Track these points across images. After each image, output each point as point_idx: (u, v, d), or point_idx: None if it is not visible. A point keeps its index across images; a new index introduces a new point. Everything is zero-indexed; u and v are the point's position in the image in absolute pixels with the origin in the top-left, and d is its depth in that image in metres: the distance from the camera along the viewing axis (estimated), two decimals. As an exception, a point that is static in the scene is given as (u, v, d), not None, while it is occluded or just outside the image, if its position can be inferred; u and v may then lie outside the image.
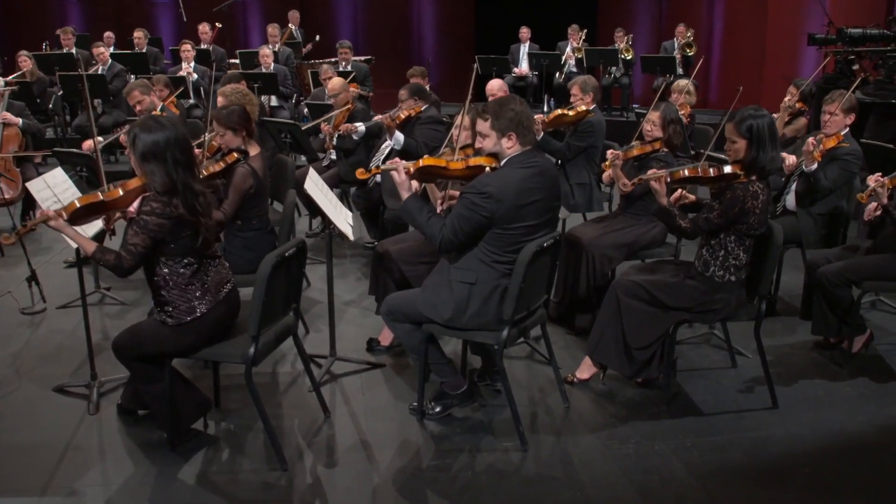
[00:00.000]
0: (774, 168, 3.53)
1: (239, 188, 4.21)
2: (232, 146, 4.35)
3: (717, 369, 4.21)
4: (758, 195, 3.49)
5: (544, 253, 3.41)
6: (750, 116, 3.50)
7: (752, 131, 3.47)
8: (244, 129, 4.31)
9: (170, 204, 3.05)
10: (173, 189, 3.06)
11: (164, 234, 3.07)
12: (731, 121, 3.55)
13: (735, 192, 3.50)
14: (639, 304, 3.72)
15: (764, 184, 3.54)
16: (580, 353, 4.21)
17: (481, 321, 3.40)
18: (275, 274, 3.15)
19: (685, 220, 3.67)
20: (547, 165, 3.45)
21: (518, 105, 3.36)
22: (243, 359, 3.21)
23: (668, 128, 4.56)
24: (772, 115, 3.58)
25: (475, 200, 3.27)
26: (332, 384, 4.06)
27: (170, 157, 3.04)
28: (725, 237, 3.60)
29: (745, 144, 3.50)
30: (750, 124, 3.48)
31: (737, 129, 3.52)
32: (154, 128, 3.06)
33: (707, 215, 3.59)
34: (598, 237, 4.58)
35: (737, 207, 3.49)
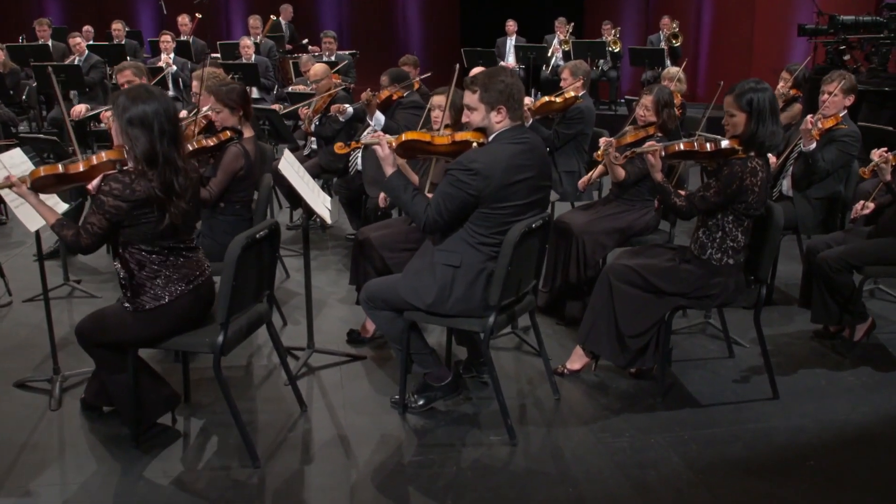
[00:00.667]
0: (774, 144, 3.34)
1: (228, 168, 4.01)
2: (227, 125, 4.15)
3: (713, 359, 4.02)
4: (756, 172, 3.30)
5: (533, 234, 3.20)
6: (751, 89, 3.30)
7: (752, 104, 3.28)
8: (241, 108, 4.13)
9: (134, 183, 2.84)
10: (154, 159, 2.87)
11: (122, 217, 2.87)
12: (731, 94, 3.36)
13: (733, 167, 3.31)
14: (632, 290, 3.52)
15: (763, 161, 3.35)
16: (570, 344, 4.01)
17: (466, 307, 3.19)
18: (244, 257, 2.93)
19: (681, 198, 3.47)
20: (537, 142, 3.25)
21: (509, 77, 3.16)
22: (211, 348, 2.99)
23: (662, 112, 4.37)
24: (772, 90, 3.39)
25: (461, 177, 3.06)
26: (310, 377, 3.83)
27: (156, 127, 2.86)
28: (723, 217, 3.40)
29: (744, 118, 3.31)
30: (750, 97, 3.28)
31: (736, 101, 3.33)
32: (145, 97, 2.89)
33: (703, 193, 3.40)
34: (588, 223, 4.38)
35: (734, 184, 3.29)
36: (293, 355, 4.03)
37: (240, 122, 4.13)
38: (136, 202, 2.84)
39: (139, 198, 2.84)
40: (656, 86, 4.51)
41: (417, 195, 3.20)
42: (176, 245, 3.02)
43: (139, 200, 2.84)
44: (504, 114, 3.14)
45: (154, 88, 3.00)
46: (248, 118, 4.19)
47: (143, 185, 2.85)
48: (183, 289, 3.01)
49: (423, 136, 3.28)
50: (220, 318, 2.94)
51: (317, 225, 6.43)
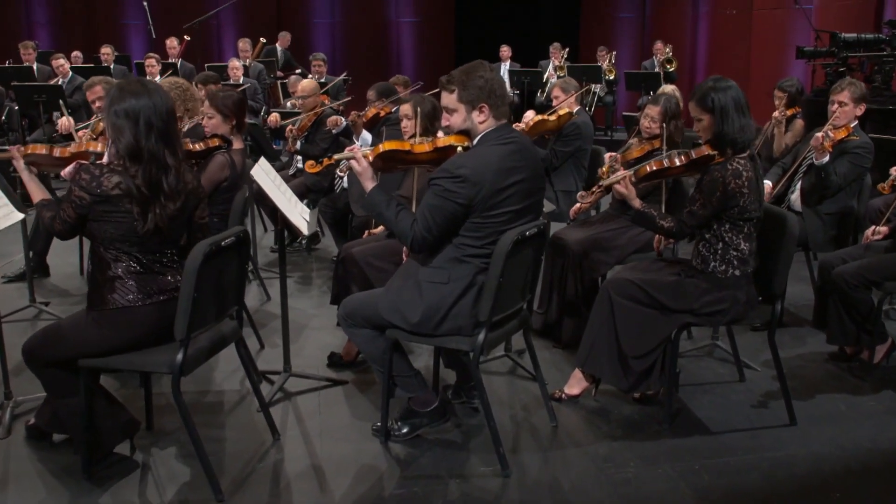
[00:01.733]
0: (748, 138, 3.09)
1: (212, 176, 3.76)
2: (217, 132, 3.90)
3: (723, 383, 3.71)
4: (739, 172, 3.03)
5: (527, 243, 2.91)
6: (710, 89, 3.08)
7: (714, 103, 3.05)
8: (235, 118, 3.88)
9: (102, 177, 2.63)
10: (137, 155, 2.66)
11: (85, 209, 2.66)
12: (693, 98, 3.14)
13: (712, 174, 3.06)
14: (635, 306, 3.22)
15: (745, 159, 3.09)
16: (568, 368, 3.70)
17: (454, 325, 2.89)
18: (207, 267, 2.64)
19: (667, 219, 3.21)
20: (525, 142, 2.98)
21: (487, 72, 2.89)
22: (169, 367, 2.68)
23: (668, 123, 4.10)
24: (737, 86, 3.14)
25: (448, 186, 2.78)
26: (285, 403, 3.52)
27: (143, 121, 2.66)
28: (719, 227, 3.13)
29: (710, 119, 3.08)
30: (711, 97, 3.06)
31: (699, 105, 3.11)
32: (137, 90, 2.70)
33: (690, 209, 3.14)
34: (586, 240, 4.10)
35: (718, 191, 3.03)
36: (268, 380, 3.72)
37: (231, 132, 3.89)
38: (99, 197, 2.63)
39: (104, 194, 2.62)
40: (662, 95, 4.26)
41: (402, 210, 2.92)
42: (154, 254, 2.75)
43: (103, 196, 2.63)
44: (487, 112, 2.87)
45: (151, 83, 2.79)
46: (241, 130, 3.95)
47: (116, 181, 2.62)
48: (150, 301, 2.73)
49: (401, 144, 3.01)
50: (178, 334, 2.64)
51: (301, 247, 6.15)
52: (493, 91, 2.87)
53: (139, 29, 13.11)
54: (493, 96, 2.87)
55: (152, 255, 2.76)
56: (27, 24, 13.19)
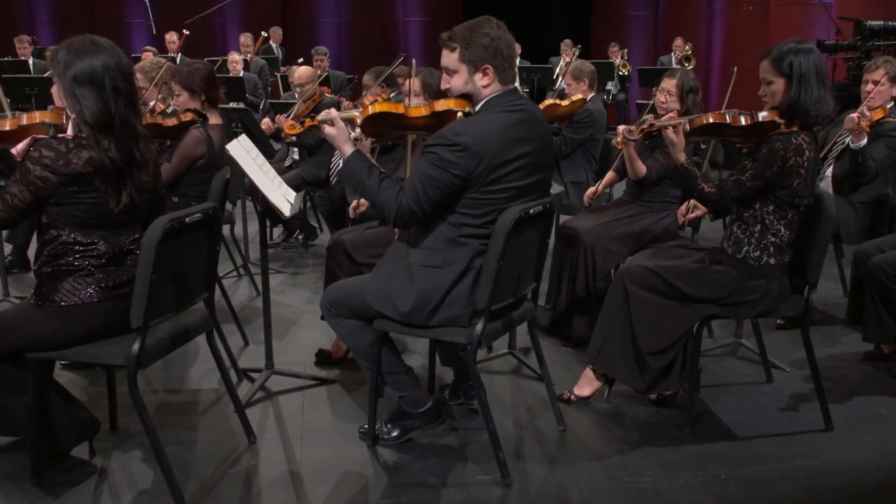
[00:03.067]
0: (823, 115, 2.74)
1: (187, 153, 3.46)
2: (188, 108, 3.63)
3: (748, 384, 3.37)
4: (802, 150, 2.70)
5: (531, 223, 2.60)
6: (791, 51, 2.73)
7: (792, 67, 2.70)
8: (203, 92, 3.58)
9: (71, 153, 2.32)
10: (108, 123, 2.36)
11: (49, 191, 2.33)
12: (767, 57, 2.79)
13: (773, 144, 2.72)
14: (652, 297, 2.90)
15: (811, 136, 2.76)
16: (578, 368, 3.38)
17: (449, 314, 2.57)
18: (168, 245, 2.34)
19: (710, 183, 2.87)
20: (535, 111, 2.66)
21: (495, 29, 2.58)
22: (125, 359, 2.37)
23: (686, 98, 3.79)
24: (819, 52, 2.80)
25: (444, 155, 2.46)
26: (266, 403, 3.20)
27: (108, 84, 2.35)
28: (762, 207, 2.80)
29: (783, 84, 2.73)
30: (791, 60, 2.71)
31: (773, 65, 2.75)
32: (91, 49, 2.37)
33: (738, 177, 2.80)
34: (598, 228, 3.78)
35: (776, 165, 2.70)
36: (249, 377, 3.42)
37: (203, 107, 3.60)
38: (69, 176, 2.31)
39: (74, 171, 2.31)
40: (679, 69, 3.95)
41: (386, 179, 2.60)
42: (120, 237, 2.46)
43: (73, 175, 2.32)
44: (492, 75, 2.56)
45: (101, 39, 2.47)
46: (214, 105, 3.65)
47: (86, 156, 2.32)
48: (112, 294, 2.42)
49: (394, 107, 2.69)
50: (135, 321, 2.33)
51: (298, 242, 5.85)
52: (499, 51, 2.56)
53: (141, 26, 12.90)
54: (499, 57, 2.56)
55: (118, 239, 2.47)
56: (29, 22, 13.01)
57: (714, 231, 3.01)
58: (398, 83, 5.54)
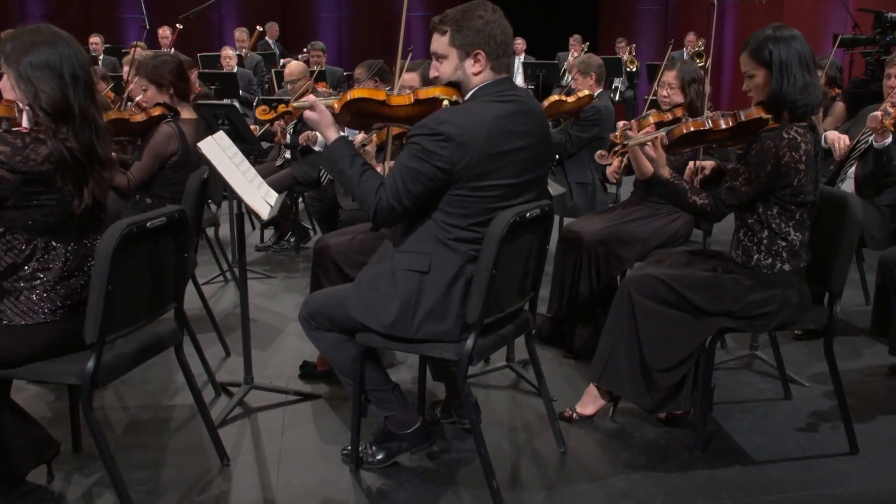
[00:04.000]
0: (811, 102, 2.53)
1: (158, 150, 3.27)
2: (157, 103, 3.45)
3: (765, 402, 3.16)
4: (797, 143, 2.50)
5: (528, 228, 2.40)
6: (769, 39, 2.53)
7: (772, 56, 2.50)
8: (171, 85, 3.40)
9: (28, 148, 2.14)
10: (67, 112, 2.19)
11: (5, 192, 2.14)
12: (745, 49, 2.59)
13: (763, 143, 2.51)
14: (661, 308, 2.69)
15: (804, 128, 2.55)
16: (582, 382, 3.19)
17: (437, 328, 2.37)
18: (127, 252, 2.15)
19: (701, 195, 2.66)
20: (530, 102, 2.46)
21: (489, 12, 2.39)
22: (79, 377, 2.18)
23: (689, 88, 3.60)
24: (802, 37, 2.58)
25: (426, 145, 2.27)
26: (243, 420, 3.01)
27: (67, 73, 2.19)
28: (765, 211, 2.60)
29: (765, 76, 2.54)
30: (769, 49, 2.51)
31: (752, 57, 2.56)
32: (48, 37, 2.22)
33: (731, 184, 2.59)
34: (603, 231, 3.58)
35: (769, 164, 2.50)
36: (228, 392, 3.23)
37: (174, 101, 3.41)
38: (27, 175, 2.13)
39: (33, 170, 2.13)
40: (678, 60, 3.76)
41: (368, 171, 2.40)
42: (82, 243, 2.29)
43: (32, 174, 2.14)
44: (483, 62, 2.37)
45: (56, 29, 2.31)
46: (185, 98, 3.46)
47: (45, 152, 2.15)
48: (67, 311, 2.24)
49: (375, 93, 2.50)
50: (89, 337, 2.14)
51: (289, 245, 5.67)
52: (492, 36, 2.37)
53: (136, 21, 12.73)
54: (492, 42, 2.37)
55: (80, 246, 2.29)
56: (21, 18, 12.86)
57: (729, 233, 2.80)
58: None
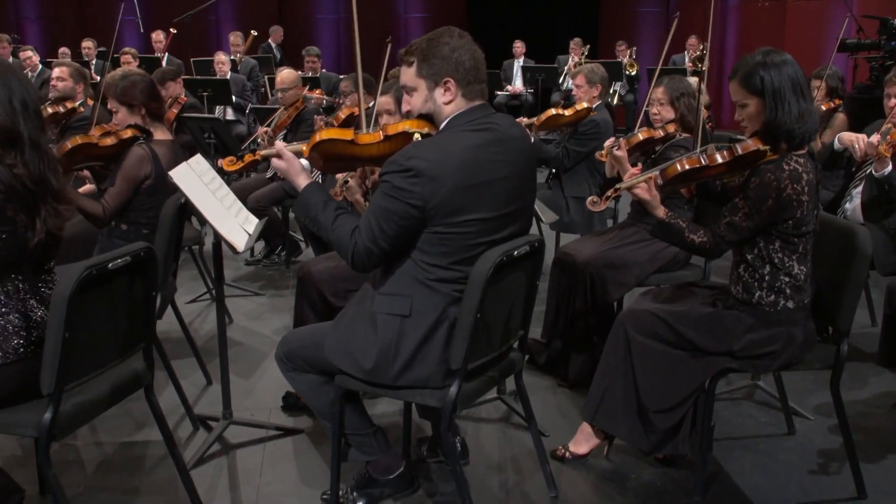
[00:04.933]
0: (808, 129, 2.39)
1: (130, 174, 3.14)
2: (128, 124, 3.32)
3: (767, 437, 3.02)
4: (798, 175, 2.36)
5: (515, 265, 2.26)
6: (758, 65, 2.40)
7: (764, 83, 2.37)
8: (144, 106, 3.26)
9: None
10: (15, 139, 2.07)
11: None
12: (734, 77, 2.46)
13: (762, 176, 2.38)
14: (658, 346, 2.55)
15: (804, 157, 2.42)
16: (575, 414, 3.06)
17: (419, 374, 2.23)
18: (87, 296, 2.01)
19: (699, 233, 2.53)
20: (510, 129, 2.31)
21: (456, 38, 2.25)
22: (36, 429, 2.05)
23: (678, 103, 3.49)
24: (793, 61, 2.44)
25: (397, 182, 2.13)
26: (221, 459, 2.88)
27: (17, 99, 2.09)
28: (767, 245, 2.46)
29: (758, 104, 2.41)
30: (760, 76, 2.38)
31: (743, 85, 2.43)
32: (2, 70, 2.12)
33: (730, 219, 2.45)
34: (600, 255, 3.44)
35: (770, 198, 2.36)
36: (207, 426, 3.09)
37: (146, 122, 3.27)
38: None
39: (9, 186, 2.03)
40: (665, 77, 3.63)
41: (342, 215, 2.27)
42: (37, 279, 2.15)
43: None
44: (454, 90, 2.23)
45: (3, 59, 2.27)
46: (158, 118, 3.32)
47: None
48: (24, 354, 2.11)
49: (342, 133, 2.36)
50: (46, 387, 2.01)
51: (280, 259, 5.52)
52: (460, 62, 2.23)
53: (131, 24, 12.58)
54: (460, 69, 2.23)
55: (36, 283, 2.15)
56: (15, 20, 12.74)
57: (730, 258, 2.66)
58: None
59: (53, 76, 4.71)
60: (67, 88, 4.63)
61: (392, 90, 3.38)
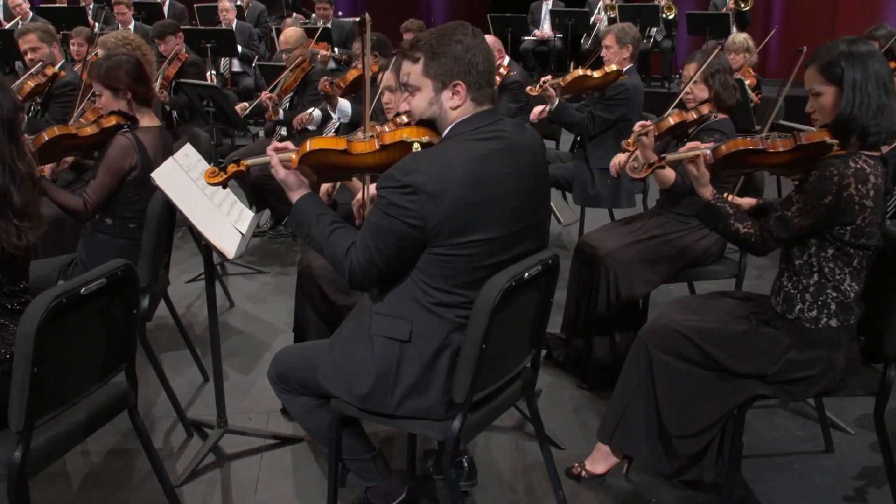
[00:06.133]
0: (885, 129, 2.25)
1: (113, 165, 3.04)
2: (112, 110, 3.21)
3: (803, 455, 2.92)
4: (865, 175, 2.22)
5: (525, 289, 2.15)
6: (841, 55, 2.26)
7: (844, 74, 2.23)
8: (129, 90, 3.14)
9: None
10: None
11: None
12: (812, 63, 2.32)
13: (824, 170, 2.24)
14: (683, 366, 2.45)
15: (874, 158, 2.27)
16: (594, 422, 2.98)
17: (420, 404, 2.15)
18: (57, 324, 1.93)
19: (746, 223, 2.40)
20: (520, 137, 2.18)
21: (469, 37, 2.10)
22: (5, 466, 2.00)
23: (713, 81, 3.31)
24: (880, 54, 2.30)
25: (394, 199, 2.02)
26: (215, 471, 2.83)
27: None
28: (819, 252, 2.33)
29: (833, 94, 2.27)
30: (841, 66, 2.24)
31: (821, 73, 2.29)
32: None
33: (782, 213, 2.32)
34: (624, 248, 3.32)
35: (829, 195, 2.22)
36: (201, 432, 3.05)
37: (131, 108, 3.16)
38: None
39: None
40: (698, 52, 3.44)
41: (338, 230, 2.16)
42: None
43: None
44: (463, 94, 2.09)
45: None
46: (145, 102, 3.19)
47: None
48: None
49: (334, 143, 2.22)
50: (14, 425, 1.95)
51: (287, 231, 5.42)
52: (473, 64, 2.09)
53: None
54: (473, 71, 2.09)
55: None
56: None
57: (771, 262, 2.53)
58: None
59: (24, 49, 4.56)
60: (44, 55, 4.51)
61: (393, 66, 3.25)
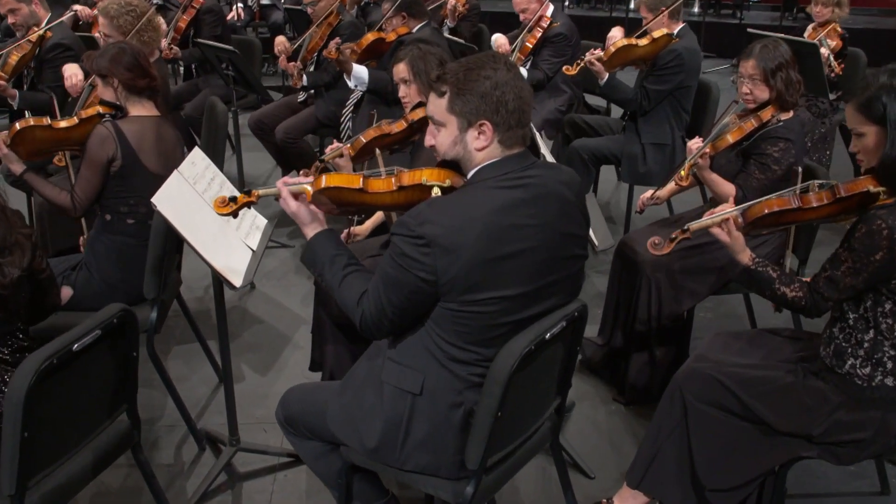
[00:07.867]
0: None
1: (92, 158, 3.01)
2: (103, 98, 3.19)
3: (854, 497, 2.87)
4: None
5: (548, 346, 2.10)
6: (882, 88, 2.12)
7: (887, 110, 2.11)
8: (116, 77, 3.10)
9: None
10: None
11: None
12: (852, 101, 2.20)
13: (871, 224, 2.13)
14: (721, 415, 2.39)
15: None
16: (628, 443, 2.99)
17: (431, 461, 2.14)
18: (50, 383, 1.96)
19: (793, 286, 2.32)
20: (552, 184, 2.09)
21: (501, 72, 2.01)
22: (1, 528, 2.05)
23: (773, 79, 3.14)
24: None
25: (406, 249, 1.97)
26: (227, 493, 2.89)
27: None
28: (875, 307, 2.23)
29: (876, 134, 2.16)
30: (882, 102, 2.12)
31: (860, 111, 2.17)
32: None
33: (831, 273, 2.23)
34: (666, 256, 3.21)
35: (880, 251, 2.12)
36: (214, 447, 3.10)
37: (118, 97, 3.11)
38: None
39: None
40: (756, 44, 3.23)
41: (353, 273, 2.13)
42: None
43: None
44: (490, 135, 2.02)
45: None
46: (137, 92, 3.11)
47: None
48: None
49: (349, 181, 2.18)
50: (5, 489, 1.99)
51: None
52: (501, 103, 2.00)
53: None
54: (501, 111, 2.01)
55: None
56: None
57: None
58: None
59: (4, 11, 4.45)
60: (25, 16, 4.40)
61: (407, 57, 3.16)
